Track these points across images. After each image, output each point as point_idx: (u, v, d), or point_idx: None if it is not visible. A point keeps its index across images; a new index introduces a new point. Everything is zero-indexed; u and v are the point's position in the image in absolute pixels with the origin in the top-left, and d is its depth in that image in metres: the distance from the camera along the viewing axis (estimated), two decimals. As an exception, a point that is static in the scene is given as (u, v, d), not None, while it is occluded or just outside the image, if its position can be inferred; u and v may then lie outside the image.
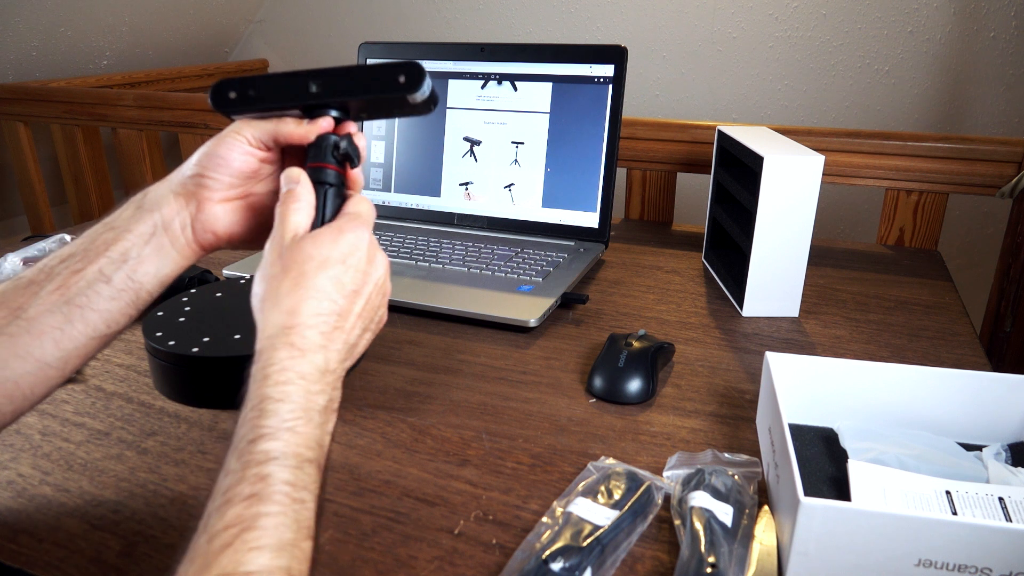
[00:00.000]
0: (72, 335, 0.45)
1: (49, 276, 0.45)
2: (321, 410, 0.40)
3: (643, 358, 0.68)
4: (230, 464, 0.36)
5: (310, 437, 0.38)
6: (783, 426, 0.50)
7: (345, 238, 0.45)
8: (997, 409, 0.58)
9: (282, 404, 0.38)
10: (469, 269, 0.93)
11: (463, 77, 1.06)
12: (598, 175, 1.01)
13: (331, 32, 2.22)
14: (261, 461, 0.36)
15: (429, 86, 0.48)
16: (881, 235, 1.15)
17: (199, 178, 0.48)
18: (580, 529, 0.48)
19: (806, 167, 0.78)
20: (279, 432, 0.37)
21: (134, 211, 0.47)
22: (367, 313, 0.46)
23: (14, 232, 1.92)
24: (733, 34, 1.77)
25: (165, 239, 0.47)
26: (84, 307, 0.45)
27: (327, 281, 0.43)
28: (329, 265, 0.43)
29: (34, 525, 0.51)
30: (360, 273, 0.45)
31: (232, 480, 0.35)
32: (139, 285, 0.47)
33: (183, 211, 0.48)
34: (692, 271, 1.00)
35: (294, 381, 0.39)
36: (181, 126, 1.55)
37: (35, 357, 0.44)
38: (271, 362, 0.40)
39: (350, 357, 0.44)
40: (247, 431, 0.38)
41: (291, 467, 0.36)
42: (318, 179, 0.48)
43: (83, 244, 0.46)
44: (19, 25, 1.70)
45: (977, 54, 1.58)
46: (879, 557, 0.42)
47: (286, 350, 0.40)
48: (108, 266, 0.46)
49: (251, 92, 0.49)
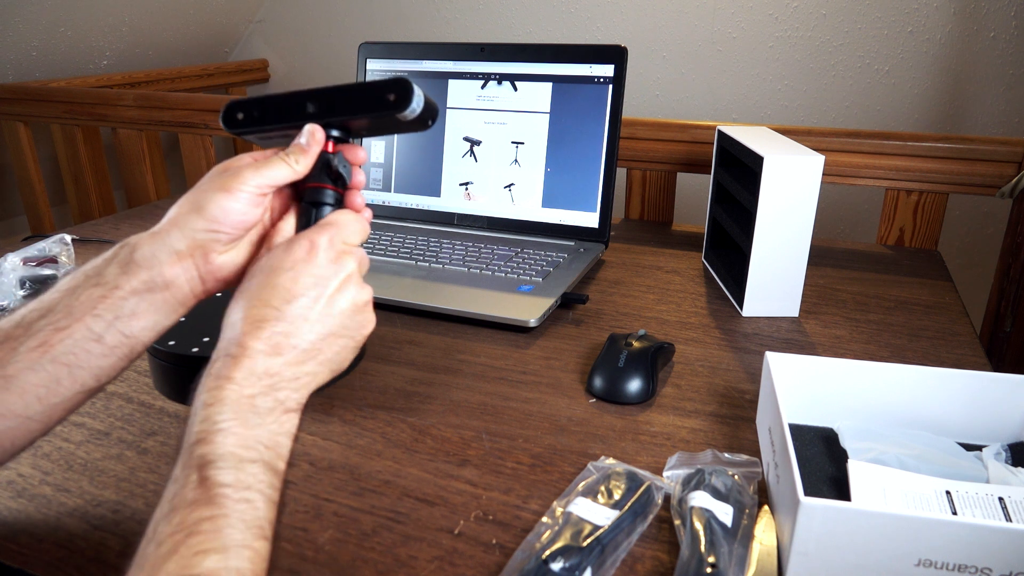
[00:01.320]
0: (58, 391, 0.43)
1: (27, 332, 0.43)
2: (262, 412, 0.40)
3: (643, 358, 0.68)
4: (175, 471, 0.37)
5: (249, 438, 0.38)
6: (783, 426, 0.50)
7: (296, 246, 0.44)
8: (997, 409, 0.58)
9: (214, 408, 0.39)
10: (469, 269, 0.93)
11: (463, 77, 1.06)
12: (598, 175, 1.01)
13: (331, 32, 2.22)
14: (200, 465, 0.36)
15: (420, 103, 0.48)
16: (881, 235, 1.15)
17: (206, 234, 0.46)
18: (580, 529, 0.48)
19: (806, 167, 0.78)
20: (213, 435, 0.38)
21: (122, 267, 0.45)
22: (329, 317, 0.44)
23: (14, 232, 1.92)
24: (733, 34, 1.77)
25: (167, 294, 0.45)
26: (72, 365, 0.43)
27: (273, 290, 0.43)
28: (276, 274, 0.43)
29: (34, 525, 0.51)
30: (313, 278, 0.44)
31: (176, 487, 0.36)
32: (134, 340, 0.45)
33: (191, 268, 0.46)
34: (692, 271, 1.00)
35: (225, 386, 0.40)
36: (181, 126, 1.55)
37: (16, 413, 0.42)
38: (208, 373, 0.41)
39: (310, 360, 0.43)
40: (187, 437, 0.38)
41: (230, 468, 0.37)
42: (312, 199, 0.48)
43: (64, 299, 0.44)
44: (19, 25, 1.70)
45: (977, 54, 1.58)
46: (879, 557, 0.42)
47: (221, 360, 0.41)
48: (96, 324, 0.43)
49: (255, 113, 0.50)
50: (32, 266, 0.85)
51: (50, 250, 0.89)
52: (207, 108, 1.52)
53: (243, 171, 0.46)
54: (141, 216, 1.24)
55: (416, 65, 1.09)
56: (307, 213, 0.48)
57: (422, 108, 0.48)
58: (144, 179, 1.65)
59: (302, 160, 0.48)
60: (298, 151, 0.48)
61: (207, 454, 0.37)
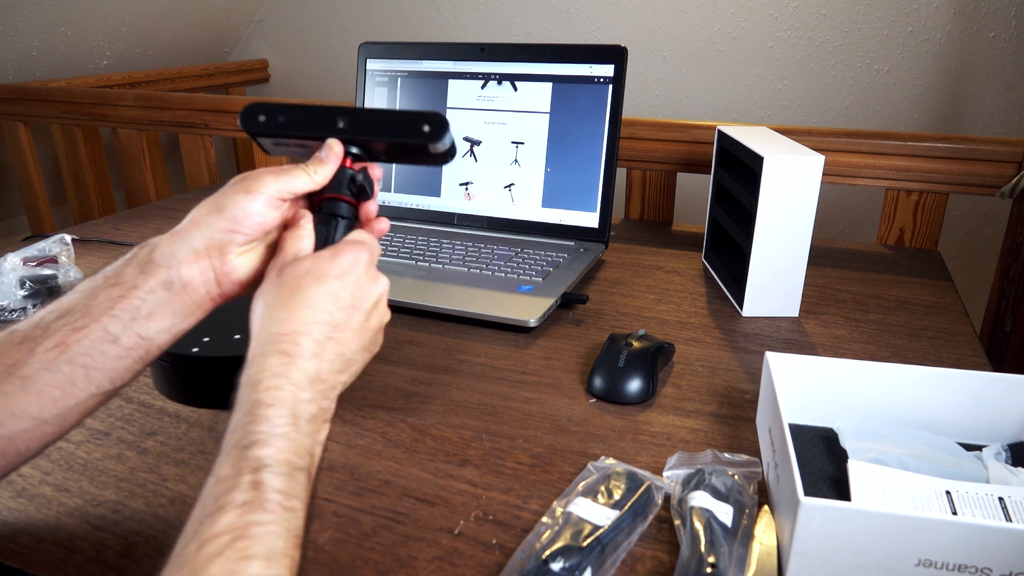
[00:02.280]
0: (73, 393, 0.43)
1: (45, 332, 0.43)
2: (310, 418, 0.40)
3: (643, 358, 0.68)
4: (221, 470, 0.36)
5: (300, 445, 0.38)
6: (783, 426, 0.50)
7: (343, 256, 0.45)
8: (997, 409, 0.58)
9: (273, 409, 0.38)
10: (469, 269, 0.93)
11: (463, 77, 1.06)
12: (598, 175, 1.01)
13: (331, 32, 2.22)
14: (255, 468, 0.36)
15: (451, 139, 0.50)
16: (881, 235, 1.15)
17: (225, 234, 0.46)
18: (580, 529, 0.48)
19: (806, 167, 0.78)
20: (271, 438, 0.37)
21: (141, 267, 0.45)
22: (366, 331, 0.46)
23: (14, 232, 1.92)
24: (733, 34, 1.77)
25: (185, 296, 0.46)
26: (88, 366, 0.43)
27: (322, 294, 0.43)
28: (326, 280, 0.44)
29: (34, 525, 0.51)
30: (358, 289, 0.45)
31: (224, 487, 0.35)
32: (149, 342, 0.45)
33: (208, 268, 0.46)
34: (692, 271, 1.00)
35: (284, 387, 0.39)
36: (181, 126, 1.55)
37: (32, 415, 0.42)
38: (262, 368, 0.40)
39: (346, 371, 0.44)
40: (239, 437, 0.37)
41: (283, 475, 0.36)
42: (331, 211, 0.49)
43: (82, 300, 0.44)
44: (19, 25, 1.70)
45: (977, 54, 1.58)
46: (879, 557, 0.43)
47: (277, 357, 0.41)
48: (113, 324, 0.44)
49: (280, 118, 0.51)
50: (32, 266, 0.85)
51: (50, 250, 0.89)
52: (207, 108, 1.52)
53: (264, 176, 0.47)
54: (141, 216, 1.24)
55: (416, 65, 1.09)
56: (327, 223, 0.49)
57: (450, 145, 0.51)
58: (144, 179, 1.65)
59: (321, 171, 0.49)
60: (317, 163, 0.49)
61: (263, 457, 0.36)
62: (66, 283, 0.85)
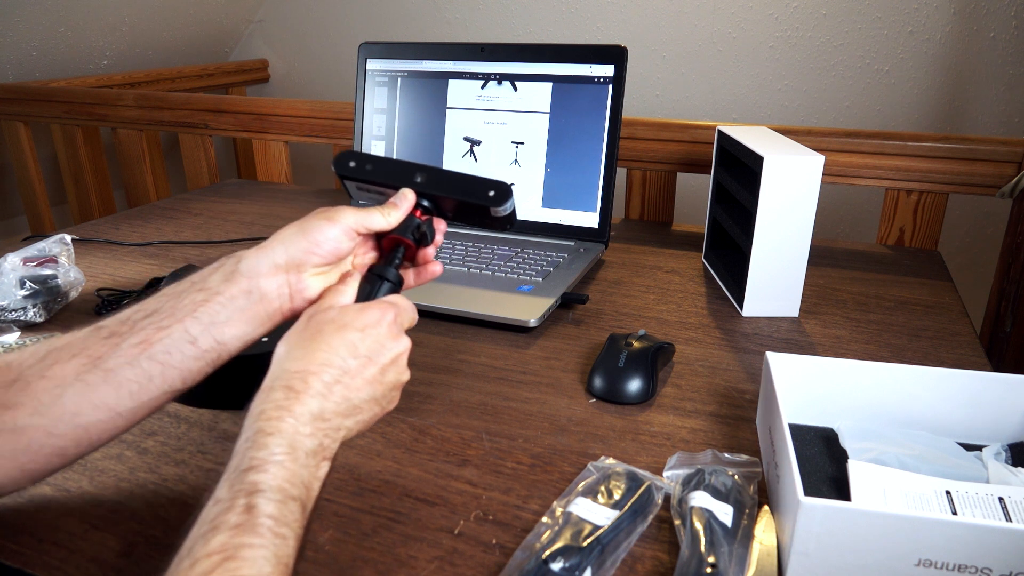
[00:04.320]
0: (149, 389, 0.46)
1: (132, 329, 0.46)
2: (309, 452, 0.41)
3: (643, 358, 0.68)
4: (220, 492, 0.38)
5: (296, 474, 0.40)
6: (783, 426, 0.50)
7: (370, 311, 0.48)
8: (997, 409, 0.58)
9: (272, 438, 0.40)
10: (469, 269, 0.93)
11: (463, 77, 1.06)
12: (598, 175, 1.01)
13: (331, 32, 2.22)
14: (249, 491, 0.37)
15: (512, 206, 0.56)
16: (881, 235, 1.15)
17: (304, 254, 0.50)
18: (580, 529, 0.48)
19: (806, 167, 0.78)
20: (267, 464, 0.39)
21: (227, 275, 0.49)
22: (379, 384, 0.47)
23: (14, 232, 1.92)
24: (733, 34, 1.77)
25: (260, 306, 0.49)
26: (165, 364, 0.46)
27: (340, 341, 0.46)
28: (347, 329, 0.46)
29: (34, 525, 0.51)
30: (377, 344, 0.47)
31: (220, 508, 0.37)
32: (223, 347, 0.48)
33: (284, 283, 0.50)
34: (692, 271, 1.00)
35: (285, 419, 0.41)
36: (181, 126, 1.55)
37: (109, 407, 0.45)
38: (267, 400, 0.42)
39: (351, 416, 0.45)
40: (239, 461, 0.39)
41: (276, 501, 0.37)
42: (380, 272, 0.52)
43: (169, 302, 0.47)
44: (19, 25, 1.70)
45: (977, 54, 1.58)
46: (879, 557, 0.43)
47: (283, 391, 0.43)
48: (194, 326, 0.47)
49: (368, 166, 0.57)
50: (32, 266, 0.85)
51: (50, 250, 0.89)
52: (207, 108, 1.52)
53: (346, 210, 0.52)
54: (141, 216, 1.24)
55: (416, 65, 1.09)
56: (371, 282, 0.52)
57: (511, 211, 0.57)
58: (144, 179, 1.65)
59: (394, 214, 0.54)
60: (391, 207, 0.54)
61: (259, 482, 0.38)
62: (66, 283, 0.85)
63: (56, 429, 0.44)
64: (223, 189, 1.44)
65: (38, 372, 0.44)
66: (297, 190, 1.43)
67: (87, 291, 0.90)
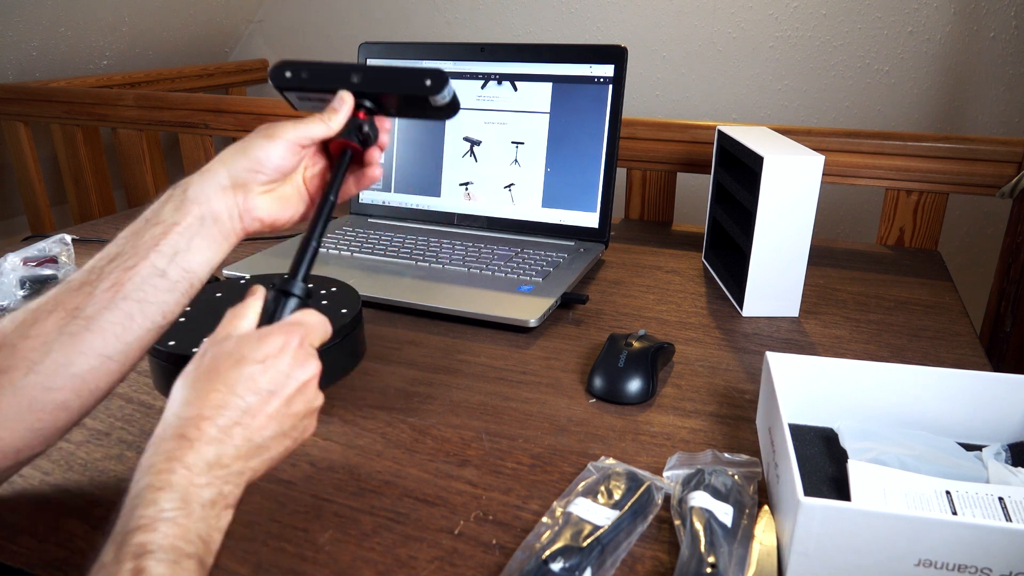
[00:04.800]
0: (132, 328, 0.47)
1: (100, 276, 0.47)
2: (206, 503, 0.39)
3: (643, 358, 0.68)
4: (105, 556, 0.35)
5: (190, 530, 0.37)
6: (783, 426, 0.50)
7: (271, 340, 0.44)
8: (997, 409, 0.58)
9: (162, 493, 0.37)
10: (469, 269, 0.93)
11: (463, 77, 1.06)
12: (598, 175, 1.01)
13: (331, 32, 2.22)
14: (137, 554, 0.34)
15: (451, 93, 0.55)
16: (881, 235, 1.15)
17: (248, 173, 0.51)
18: (580, 529, 0.48)
19: (806, 167, 0.78)
20: (157, 523, 0.36)
21: (177, 205, 0.49)
22: (285, 417, 0.44)
23: (14, 232, 1.92)
24: (733, 34, 1.77)
25: (214, 229, 0.50)
26: (142, 301, 0.47)
27: (238, 377, 0.42)
28: (244, 364, 0.43)
29: (34, 525, 0.51)
30: (280, 374, 0.44)
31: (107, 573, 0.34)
32: (192, 274, 0.49)
33: (233, 204, 0.51)
34: (692, 271, 1.00)
35: (176, 470, 0.38)
36: (181, 126, 1.55)
37: (97, 352, 0.46)
38: (157, 452, 0.39)
39: (255, 457, 0.43)
40: (125, 521, 0.36)
41: (168, 561, 0.35)
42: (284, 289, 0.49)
43: (129, 242, 0.48)
44: (19, 25, 1.70)
45: (977, 54, 1.58)
46: (879, 557, 0.43)
47: (174, 441, 0.40)
48: (159, 260, 0.48)
49: (303, 74, 0.57)
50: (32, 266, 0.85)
51: (50, 250, 0.89)
52: (207, 108, 1.52)
53: (284, 124, 0.52)
54: (141, 216, 1.24)
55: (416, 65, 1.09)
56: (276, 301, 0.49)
57: (451, 98, 0.56)
58: (144, 179, 1.65)
59: (334, 119, 0.54)
60: (331, 112, 0.55)
61: (147, 543, 0.35)
62: (66, 283, 0.84)
63: (53, 383, 0.45)
64: (223, 189, 1.43)
65: (21, 334, 0.45)
66: (297, 190, 1.43)
67: (87, 291, 0.90)
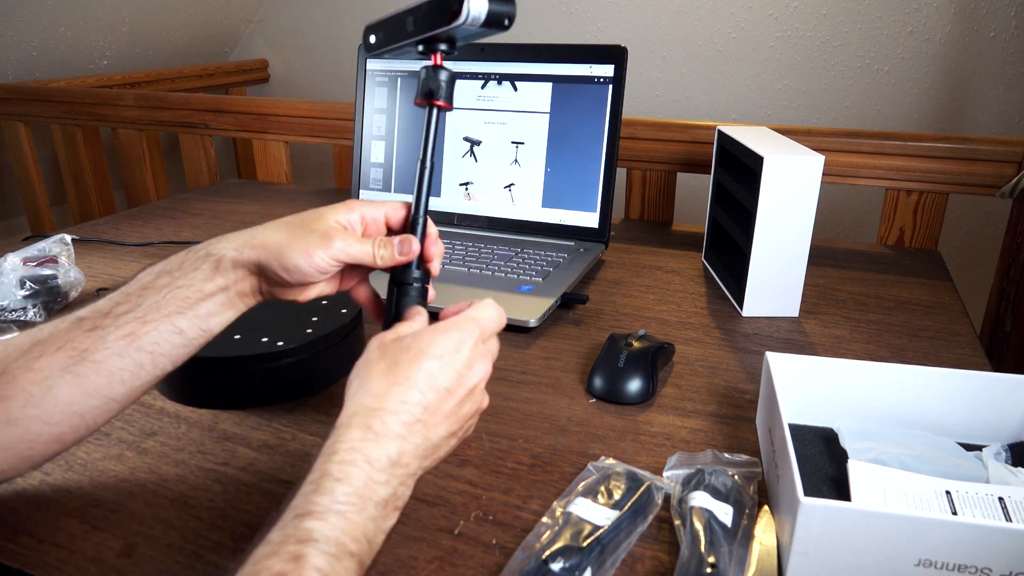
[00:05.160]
0: (140, 375, 0.47)
1: (116, 323, 0.46)
2: (380, 502, 0.38)
3: (643, 358, 0.68)
4: (272, 535, 0.35)
5: (358, 527, 0.36)
6: (783, 426, 0.50)
7: (448, 336, 0.45)
8: (997, 409, 0.58)
9: (340, 484, 0.37)
10: (469, 269, 0.93)
11: (463, 77, 1.06)
12: (598, 175, 1.01)
13: (331, 32, 2.22)
14: (301, 539, 0.34)
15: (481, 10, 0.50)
16: (881, 235, 1.15)
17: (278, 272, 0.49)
18: (580, 529, 0.48)
19: (806, 167, 0.78)
20: (327, 513, 0.36)
21: (207, 275, 0.49)
22: (457, 416, 0.45)
23: (14, 232, 1.92)
24: (733, 34, 1.77)
25: (237, 299, 0.50)
26: (155, 352, 0.47)
27: (419, 373, 0.43)
28: (424, 359, 0.43)
29: (34, 525, 0.51)
30: (456, 373, 0.44)
31: (266, 551, 0.34)
32: (208, 332, 0.49)
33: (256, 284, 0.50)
34: (692, 271, 1.00)
35: (359, 463, 0.38)
36: (181, 126, 1.55)
37: (103, 395, 0.46)
38: (341, 439, 0.39)
39: (429, 457, 0.43)
40: (297, 503, 0.37)
41: (329, 554, 0.34)
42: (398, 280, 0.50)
43: (151, 297, 0.48)
44: (19, 25, 1.70)
45: (977, 54, 1.58)
46: (879, 557, 0.42)
47: (360, 431, 0.40)
48: (180, 321, 0.48)
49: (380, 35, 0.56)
50: (32, 266, 0.85)
51: (50, 250, 0.89)
52: (207, 108, 1.52)
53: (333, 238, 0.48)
54: (141, 216, 1.24)
55: (416, 65, 1.09)
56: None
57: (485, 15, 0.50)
58: (144, 179, 1.65)
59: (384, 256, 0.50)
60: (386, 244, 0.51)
61: (313, 531, 0.35)
62: (66, 283, 0.85)
63: (52, 418, 0.44)
64: (223, 189, 1.44)
65: (24, 365, 0.44)
66: (297, 190, 1.43)
67: (87, 291, 0.90)
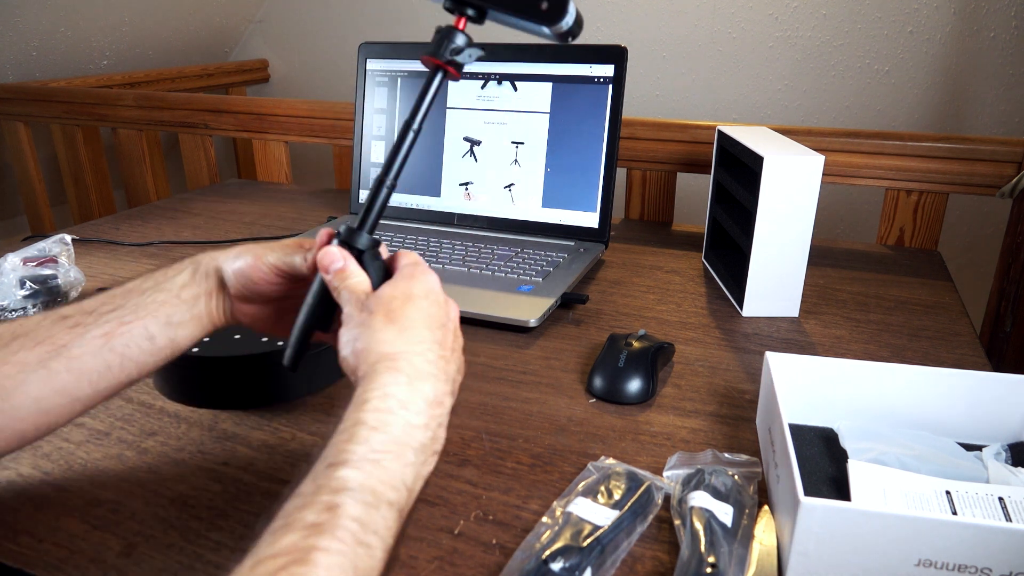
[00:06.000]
0: (107, 377, 0.47)
1: (96, 321, 0.47)
2: (419, 448, 0.37)
3: (643, 358, 0.68)
4: (304, 487, 0.34)
5: (396, 476, 0.35)
6: (783, 426, 0.50)
7: (421, 279, 0.46)
8: (997, 409, 0.58)
9: (375, 433, 0.36)
10: (469, 269, 0.93)
11: (463, 77, 1.06)
12: (598, 175, 1.01)
13: (331, 32, 2.22)
14: (335, 489, 0.33)
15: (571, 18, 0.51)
16: (881, 235, 1.15)
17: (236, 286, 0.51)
18: (580, 529, 0.48)
19: (806, 167, 0.78)
20: (362, 462, 0.34)
21: (187, 279, 0.51)
22: (456, 351, 0.45)
23: (14, 232, 1.92)
24: (733, 34, 1.77)
25: (205, 314, 0.51)
26: (124, 356, 0.48)
27: (417, 312, 0.43)
28: (413, 300, 0.44)
29: (34, 525, 0.51)
30: (442, 309, 0.45)
31: (298, 503, 0.33)
32: (176, 345, 0.50)
33: (224, 300, 0.52)
34: (692, 271, 1.00)
35: (395, 411, 0.37)
36: (181, 126, 1.55)
37: (70, 393, 0.46)
38: (373, 386, 0.38)
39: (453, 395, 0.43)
40: (329, 453, 0.35)
41: (366, 504, 0.33)
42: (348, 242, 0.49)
43: (134, 299, 0.49)
44: (19, 25, 1.70)
45: (977, 54, 1.58)
46: (879, 557, 0.43)
47: (390, 375, 0.39)
48: (154, 325, 0.48)
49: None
50: (32, 266, 0.85)
51: (50, 250, 0.89)
52: (207, 108, 1.52)
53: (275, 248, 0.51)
54: (141, 216, 1.24)
55: (416, 65, 1.09)
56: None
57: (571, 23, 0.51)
58: (144, 179, 1.65)
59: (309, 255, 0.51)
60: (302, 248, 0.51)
61: (348, 479, 0.33)
62: (66, 283, 0.84)
63: (19, 413, 0.45)
64: (223, 189, 1.44)
65: (2, 358, 0.45)
66: (297, 190, 1.43)
67: (87, 291, 0.90)
